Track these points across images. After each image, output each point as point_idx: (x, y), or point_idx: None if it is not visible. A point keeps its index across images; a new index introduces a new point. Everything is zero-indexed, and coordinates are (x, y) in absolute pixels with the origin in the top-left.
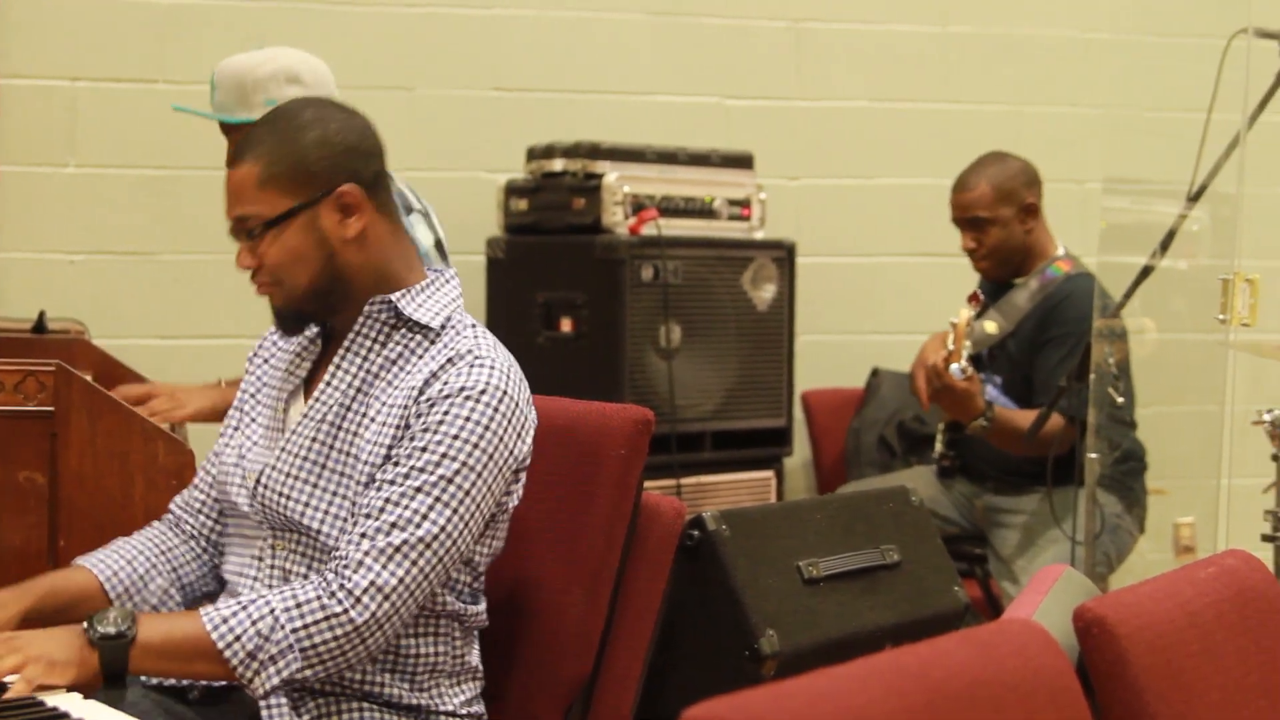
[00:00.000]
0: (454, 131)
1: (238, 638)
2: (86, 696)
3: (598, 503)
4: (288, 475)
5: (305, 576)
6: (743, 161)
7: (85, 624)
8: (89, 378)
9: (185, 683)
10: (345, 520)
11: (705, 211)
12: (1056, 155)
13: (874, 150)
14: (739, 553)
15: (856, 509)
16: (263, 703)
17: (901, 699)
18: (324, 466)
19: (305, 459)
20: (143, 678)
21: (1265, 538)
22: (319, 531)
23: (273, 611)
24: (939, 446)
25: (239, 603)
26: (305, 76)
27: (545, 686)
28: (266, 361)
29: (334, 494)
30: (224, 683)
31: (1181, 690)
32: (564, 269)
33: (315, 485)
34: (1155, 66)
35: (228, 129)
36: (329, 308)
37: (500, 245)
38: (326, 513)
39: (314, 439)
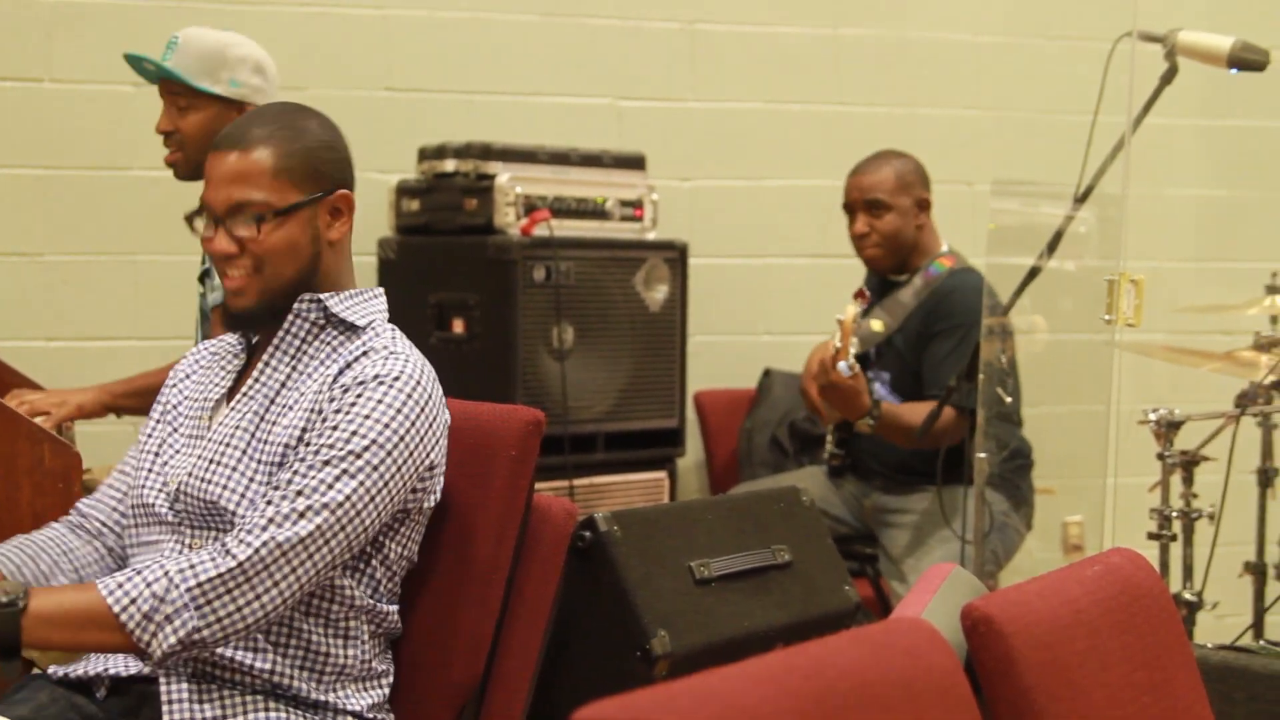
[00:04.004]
0: (345, 131)
1: (133, 600)
2: None
3: (489, 504)
4: (210, 462)
5: None
6: (635, 162)
7: None
8: None
9: (95, 675)
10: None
11: (597, 212)
12: (946, 157)
13: (766, 152)
14: (630, 553)
15: (748, 509)
16: (163, 689)
17: (792, 698)
18: (244, 453)
19: (229, 446)
20: (51, 671)
21: (1151, 536)
22: (234, 513)
23: (167, 574)
24: (829, 446)
25: (134, 569)
26: (268, 72)
27: (437, 688)
28: (188, 378)
29: (250, 478)
30: (130, 675)
31: (1068, 687)
32: (456, 270)
33: (235, 469)
34: (1043, 70)
35: (171, 89)
36: (290, 306)
37: (392, 246)
38: (243, 495)
39: (237, 427)
